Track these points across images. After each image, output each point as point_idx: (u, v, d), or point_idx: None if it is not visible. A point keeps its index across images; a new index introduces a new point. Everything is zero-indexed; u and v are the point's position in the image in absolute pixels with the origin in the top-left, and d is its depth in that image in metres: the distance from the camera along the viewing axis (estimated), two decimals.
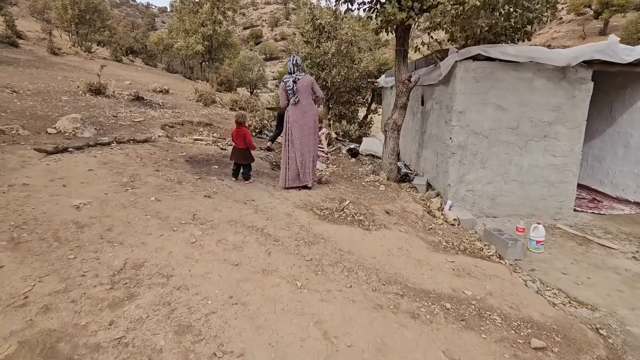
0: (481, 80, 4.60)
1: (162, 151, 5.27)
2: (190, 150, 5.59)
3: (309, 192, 4.50)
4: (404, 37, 4.92)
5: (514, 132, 4.78)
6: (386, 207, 4.43)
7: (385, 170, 5.44)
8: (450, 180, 4.90)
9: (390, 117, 5.26)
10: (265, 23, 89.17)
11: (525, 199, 4.99)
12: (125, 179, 3.95)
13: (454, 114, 4.70)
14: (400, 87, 5.05)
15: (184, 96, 11.86)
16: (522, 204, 5.01)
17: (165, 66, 22.95)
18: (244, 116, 4.37)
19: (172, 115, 8.16)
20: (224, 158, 5.46)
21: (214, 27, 15.18)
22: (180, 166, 4.73)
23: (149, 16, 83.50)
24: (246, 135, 4.32)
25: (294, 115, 4.58)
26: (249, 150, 4.41)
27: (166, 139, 6.14)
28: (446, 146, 4.91)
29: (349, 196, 4.62)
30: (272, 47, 75.36)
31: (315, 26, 8.24)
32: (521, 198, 4.99)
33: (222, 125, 8.19)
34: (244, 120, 4.37)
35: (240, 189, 4.17)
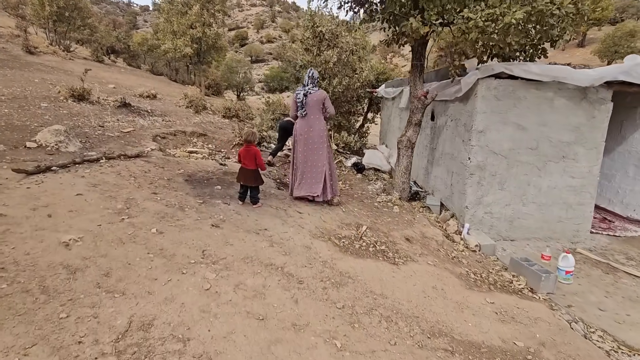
0: (502, 99, 4.39)
1: (157, 168, 4.81)
2: (188, 166, 5.14)
3: (323, 216, 4.16)
4: (421, 52, 4.67)
5: (533, 153, 4.60)
6: (405, 233, 4.14)
7: (398, 190, 5.16)
8: (468, 202, 4.66)
9: (404, 134, 4.99)
10: (250, 25, 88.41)
11: (544, 222, 4.82)
12: (120, 205, 3.50)
13: (474, 133, 4.48)
14: (416, 103, 4.79)
15: (172, 102, 11.29)
16: (540, 226, 4.83)
17: (149, 68, 22.11)
18: (254, 134, 3.99)
19: (163, 124, 7.65)
20: (225, 176, 5.05)
21: (203, 29, 14.63)
22: (180, 187, 4.29)
23: (130, 14, 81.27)
24: (257, 155, 3.94)
25: (300, 128, 4.57)
26: (258, 171, 4.03)
27: (159, 152, 5.66)
28: (464, 166, 4.67)
29: (365, 220, 4.31)
30: (258, 49, 74.68)
31: (316, 33, 7.92)
32: (539, 221, 4.81)
33: (216, 135, 7.74)
34: (254, 138, 3.99)
35: (249, 216, 3.79)
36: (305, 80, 4.50)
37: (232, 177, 5.04)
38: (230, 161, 6.24)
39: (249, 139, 3.97)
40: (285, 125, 6.65)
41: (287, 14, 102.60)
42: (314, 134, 4.51)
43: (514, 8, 3.19)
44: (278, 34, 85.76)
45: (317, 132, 4.51)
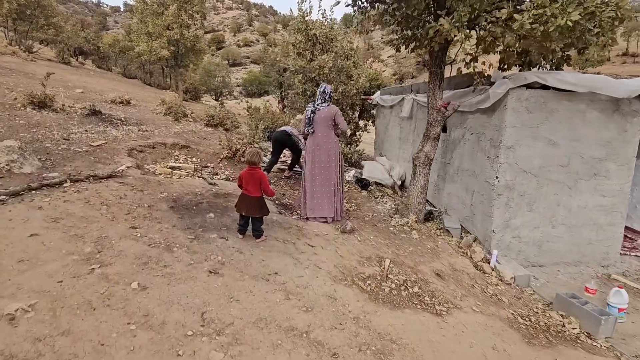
0: (533, 111, 3.95)
1: (136, 192, 4.03)
2: (172, 188, 4.38)
3: (338, 249, 3.54)
4: (442, 57, 4.16)
5: (564, 170, 4.18)
6: (434, 267, 3.58)
7: (414, 211, 4.61)
8: (495, 225, 4.18)
9: (421, 149, 4.46)
10: (227, 28, 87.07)
11: (573, 245, 4.41)
12: (89, 248, 2.74)
13: (502, 149, 4.00)
14: (435, 115, 4.27)
15: (148, 108, 10.34)
16: (569, 250, 4.42)
17: (121, 70, 20.78)
18: (258, 154, 3.30)
19: (140, 135, 6.79)
20: (216, 199, 4.33)
21: (180, 30, 13.70)
22: (164, 217, 3.55)
23: (100, 15, 77.96)
24: (262, 180, 3.26)
25: (308, 146, 4.43)
26: (263, 199, 3.34)
27: (137, 170, 4.86)
28: (489, 185, 4.19)
29: (385, 251, 3.72)
30: (235, 52, 73.48)
31: (309, 37, 7.32)
32: (569, 244, 4.39)
33: (201, 147, 6.96)
34: (258, 159, 3.30)
35: (254, 254, 3.10)
36: (317, 96, 4.32)
37: (225, 200, 4.33)
38: (219, 178, 5.51)
39: (252, 159, 3.28)
40: (278, 137, 6.03)
41: (265, 17, 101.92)
42: (321, 153, 4.30)
43: (569, 8, 2.72)
44: (255, 38, 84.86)
45: (325, 151, 4.29)
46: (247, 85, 59.19)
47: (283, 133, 6.05)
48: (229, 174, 5.87)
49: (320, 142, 4.25)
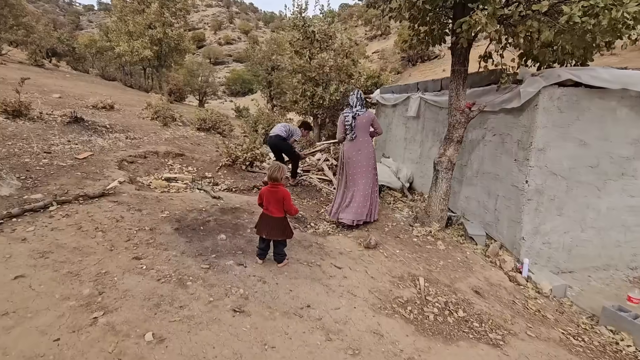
0: (565, 111, 3.70)
1: (133, 212, 3.59)
2: (173, 205, 3.95)
3: (367, 269, 3.20)
4: (466, 55, 3.86)
5: (593, 171, 3.97)
6: (471, 283, 3.29)
7: (435, 219, 4.32)
8: (524, 232, 3.93)
9: (443, 153, 4.16)
10: (207, 26, 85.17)
11: (602, 248, 4.21)
12: (88, 290, 2.32)
13: (533, 151, 3.74)
14: (458, 116, 3.98)
15: (134, 112, 9.73)
16: (598, 254, 4.22)
17: (99, 72, 19.78)
18: (280, 169, 2.89)
19: (129, 144, 6.27)
20: (224, 215, 3.92)
21: (164, 29, 13.01)
22: (170, 242, 3.13)
23: (72, 14, 74.95)
24: (285, 198, 2.87)
25: (348, 151, 4.42)
26: (287, 220, 2.96)
27: (130, 185, 4.39)
28: (518, 190, 3.94)
29: (415, 267, 3.41)
30: (217, 51, 71.91)
31: (307, 34, 6.93)
32: (598, 247, 4.19)
33: (196, 154, 6.49)
34: (281, 175, 2.89)
35: (279, 283, 2.73)
36: (352, 102, 4.38)
37: (234, 216, 3.94)
38: (220, 189, 5.09)
39: (274, 175, 2.87)
40: (273, 143, 5.61)
41: (246, 14, 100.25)
42: (362, 157, 4.40)
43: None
44: (237, 35, 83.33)
45: (366, 155, 4.42)
46: (231, 85, 58.08)
47: (277, 138, 5.67)
48: (230, 183, 5.46)
49: (362, 146, 4.36)
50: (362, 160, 4.35)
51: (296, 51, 7.06)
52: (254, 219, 3.93)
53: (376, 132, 4.61)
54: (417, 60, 44.51)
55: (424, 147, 6.25)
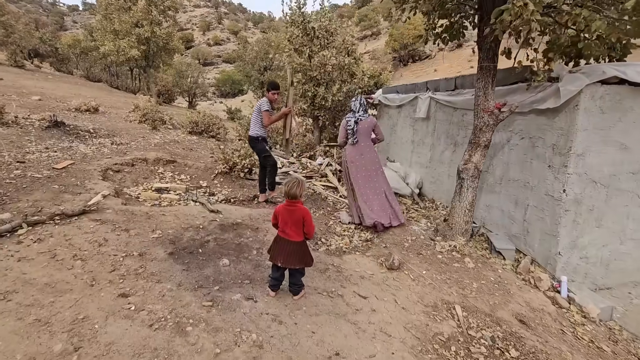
0: (607, 112, 3.32)
1: (119, 232, 3.07)
2: (165, 222, 3.44)
3: (396, 297, 2.76)
4: (495, 50, 3.46)
5: (634, 178, 3.60)
6: (513, 310, 2.87)
7: (459, 232, 3.91)
8: (561, 246, 3.54)
9: (469, 159, 3.75)
10: (195, 27, 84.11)
11: None
12: (60, 345, 1.82)
13: (572, 157, 3.36)
14: (486, 118, 3.57)
15: (120, 115, 9.14)
16: (637, 267, 3.85)
17: (84, 73, 18.97)
18: (300, 185, 2.39)
19: (114, 150, 5.71)
20: (224, 233, 3.43)
21: (151, 28, 12.38)
22: (164, 270, 2.63)
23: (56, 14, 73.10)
24: (305, 218, 2.37)
25: (351, 155, 4.42)
26: (306, 245, 2.48)
27: (116, 199, 3.87)
28: (554, 200, 3.54)
29: (447, 291, 2.98)
30: (206, 52, 71.01)
31: (307, 31, 6.47)
32: (637, 260, 3.83)
33: (189, 160, 5.96)
34: (300, 192, 2.40)
35: (298, 322, 2.26)
36: (354, 107, 4.42)
37: (236, 233, 3.45)
38: (218, 200, 4.60)
39: (292, 192, 2.38)
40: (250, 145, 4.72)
41: (234, 15, 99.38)
42: (366, 161, 4.39)
43: None
44: (226, 36, 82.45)
45: (370, 159, 4.41)
46: (221, 86, 57.24)
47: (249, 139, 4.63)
48: (227, 193, 4.96)
49: (364, 151, 4.37)
50: (366, 164, 4.36)
51: (295, 49, 6.59)
52: (259, 237, 3.46)
53: (377, 138, 4.59)
54: (409, 61, 44.49)
55: (436, 150, 5.85)
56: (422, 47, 43.26)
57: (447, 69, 38.36)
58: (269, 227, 3.74)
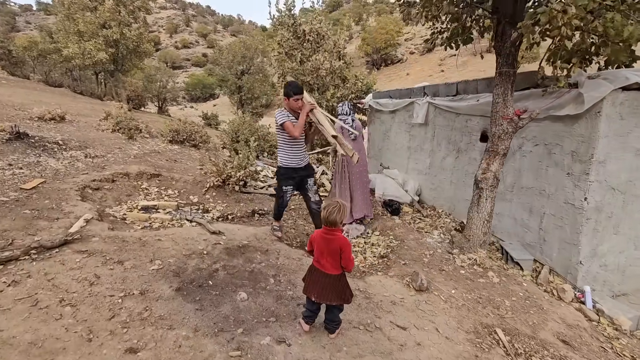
0: (626, 118, 3.28)
1: (112, 266, 2.63)
2: (163, 249, 3.02)
3: (436, 324, 2.52)
4: (515, 55, 3.33)
5: None
6: (552, 329, 2.72)
7: (478, 244, 3.75)
8: (582, 255, 3.46)
9: (487, 168, 3.59)
10: (162, 29, 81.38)
11: None
12: None
13: (594, 164, 3.28)
14: (505, 126, 3.43)
15: (90, 123, 8.38)
16: None
17: (42, 78, 17.54)
18: (341, 210, 2.04)
19: (90, 164, 5.13)
20: (232, 258, 3.06)
21: (120, 29, 11.56)
22: (174, 312, 2.24)
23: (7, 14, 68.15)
24: (344, 250, 2.06)
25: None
26: (345, 278, 2.17)
27: (101, 224, 3.38)
28: (575, 208, 3.46)
29: (482, 312, 2.78)
30: (174, 55, 68.84)
31: (297, 34, 6.18)
32: None
33: (175, 173, 5.47)
34: (340, 217, 2.04)
35: None
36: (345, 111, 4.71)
37: (245, 258, 3.09)
38: (214, 217, 4.19)
39: (332, 218, 2.03)
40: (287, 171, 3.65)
41: (203, 17, 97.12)
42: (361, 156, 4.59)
43: None
44: (195, 39, 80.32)
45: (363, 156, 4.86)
46: (191, 90, 55.46)
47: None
48: (223, 209, 4.56)
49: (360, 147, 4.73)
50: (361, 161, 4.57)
51: (287, 52, 6.27)
52: (271, 260, 3.12)
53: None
54: (382, 64, 45.22)
55: (436, 156, 5.72)
56: (394, 52, 44.14)
57: (419, 73, 39.34)
58: (279, 248, 3.40)
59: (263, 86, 16.63)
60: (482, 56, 4.72)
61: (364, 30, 47.41)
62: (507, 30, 3.24)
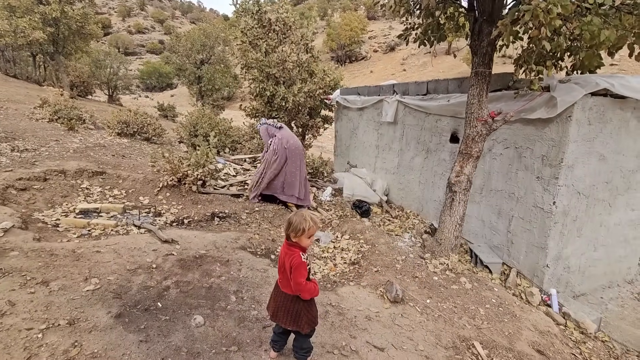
0: (593, 123, 3.32)
1: (34, 288, 2.15)
2: (102, 264, 2.56)
3: (417, 344, 2.33)
4: (491, 54, 3.22)
5: (607, 187, 3.70)
6: (527, 338, 2.66)
7: (449, 247, 3.67)
8: (549, 258, 3.49)
9: (460, 171, 3.50)
10: (113, 12, 75.63)
11: (607, 265, 4.02)
12: None
13: (563, 169, 3.29)
14: (479, 128, 3.34)
15: (21, 111, 7.36)
16: (604, 271, 4.02)
17: None
18: (300, 220, 1.71)
19: (17, 160, 4.41)
20: (187, 272, 2.67)
21: (61, 7, 10.29)
22: (110, 346, 1.84)
23: None
24: (293, 268, 1.71)
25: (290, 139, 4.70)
26: (303, 302, 1.81)
27: (24, 233, 2.83)
28: (544, 212, 3.47)
29: (458, 324, 2.66)
30: (127, 40, 64.29)
31: (262, 22, 5.78)
32: (604, 264, 3.99)
33: (122, 171, 4.86)
34: (299, 229, 1.70)
35: None
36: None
37: (202, 271, 2.73)
38: (167, 222, 3.74)
39: (287, 229, 1.74)
40: None
41: (160, 2, 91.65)
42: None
43: None
44: (151, 25, 75.63)
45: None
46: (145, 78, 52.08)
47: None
48: (177, 211, 4.11)
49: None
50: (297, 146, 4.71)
51: (251, 42, 5.84)
52: (232, 273, 2.78)
53: None
54: (346, 61, 45.40)
55: (404, 156, 5.62)
56: (358, 49, 44.47)
57: (382, 71, 39.98)
58: (241, 257, 3.06)
59: (224, 77, 15.82)
60: (454, 55, 4.64)
61: (329, 26, 47.24)
62: (484, 29, 3.12)
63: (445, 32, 3.70)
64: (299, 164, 4.62)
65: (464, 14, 3.43)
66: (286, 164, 4.54)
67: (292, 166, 4.56)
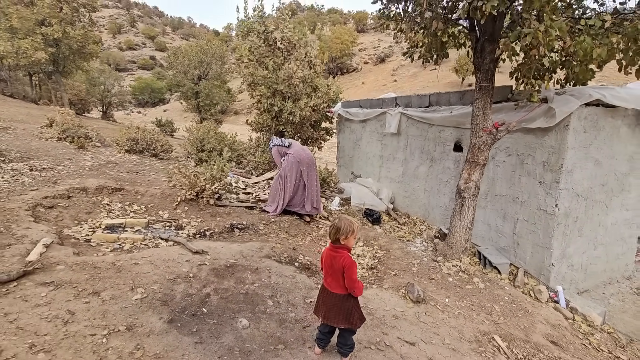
0: (588, 131, 3.61)
1: (88, 299, 2.30)
2: (143, 275, 2.72)
3: (443, 338, 2.52)
4: (493, 70, 3.51)
5: (603, 189, 3.99)
6: (541, 331, 2.87)
7: (460, 250, 3.88)
8: (554, 257, 3.73)
9: (469, 178, 3.74)
10: (104, 29, 75.94)
11: (607, 262, 4.28)
12: None
13: (563, 174, 3.56)
14: (485, 138, 3.60)
15: (29, 131, 7.47)
16: (604, 268, 4.28)
17: None
18: (346, 226, 1.93)
19: (38, 178, 4.54)
20: (222, 280, 2.84)
21: (62, 27, 10.48)
22: (170, 347, 2.00)
23: None
24: (346, 268, 1.92)
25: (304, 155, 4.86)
26: (353, 299, 2.03)
27: (65, 248, 2.97)
28: (547, 214, 3.72)
29: (477, 320, 2.86)
30: (118, 56, 64.54)
31: (269, 41, 6.06)
32: (604, 262, 4.25)
33: (139, 187, 5.01)
34: (346, 234, 1.93)
35: None
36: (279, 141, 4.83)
37: (235, 279, 2.90)
38: (189, 235, 3.89)
39: (336, 235, 1.95)
40: None
41: (150, 19, 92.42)
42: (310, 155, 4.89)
43: None
44: (141, 41, 76.15)
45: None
46: (138, 94, 52.15)
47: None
48: (198, 224, 4.27)
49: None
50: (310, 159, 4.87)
51: (258, 60, 6.10)
52: (264, 280, 2.95)
53: None
54: (337, 73, 46.17)
55: (409, 165, 5.88)
56: (349, 61, 45.36)
57: (373, 82, 40.73)
58: (269, 265, 3.23)
59: (220, 92, 16.09)
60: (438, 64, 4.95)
61: (320, 39, 48.19)
62: (486, 47, 3.42)
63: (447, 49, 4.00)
64: (313, 175, 4.83)
65: (466, 34, 3.74)
66: (302, 178, 4.74)
67: (307, 178, 4.76)
